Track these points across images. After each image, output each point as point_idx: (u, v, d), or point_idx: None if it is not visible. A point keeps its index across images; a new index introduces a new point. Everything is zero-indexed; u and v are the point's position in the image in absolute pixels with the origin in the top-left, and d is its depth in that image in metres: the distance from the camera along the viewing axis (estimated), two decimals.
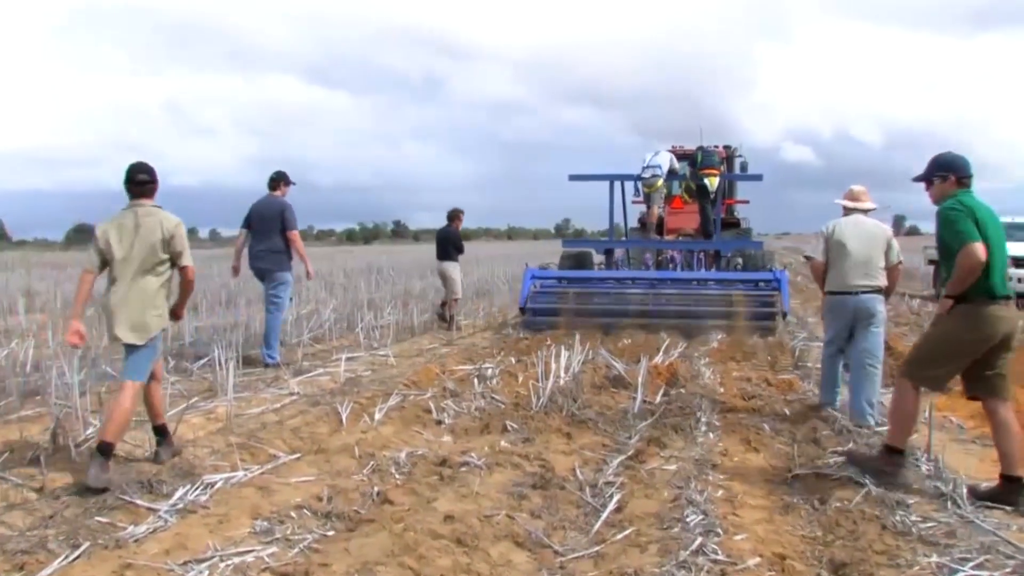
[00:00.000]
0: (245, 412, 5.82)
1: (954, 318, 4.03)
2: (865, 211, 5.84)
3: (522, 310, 10.75)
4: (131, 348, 4.41)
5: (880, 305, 5.65)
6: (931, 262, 17.46)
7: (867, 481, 4.14)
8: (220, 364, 6.41)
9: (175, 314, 4.73)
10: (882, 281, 5.67)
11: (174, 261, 4.52)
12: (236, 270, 8.31)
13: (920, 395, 4.27)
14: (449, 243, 11.00)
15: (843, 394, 5.88)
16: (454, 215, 11.23)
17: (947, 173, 4.19)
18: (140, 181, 4.48)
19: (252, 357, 7.99)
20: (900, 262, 5.79)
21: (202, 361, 7.54)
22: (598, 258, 13.73)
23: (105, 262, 4.44)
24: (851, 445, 4.76)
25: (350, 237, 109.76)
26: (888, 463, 4.21)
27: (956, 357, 4.07)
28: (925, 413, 4.63)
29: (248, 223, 7.89)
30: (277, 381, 7.06)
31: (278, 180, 8.00)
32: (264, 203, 7.87)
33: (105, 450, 4.15)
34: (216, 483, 4.14)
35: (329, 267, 24.71)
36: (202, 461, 4.50)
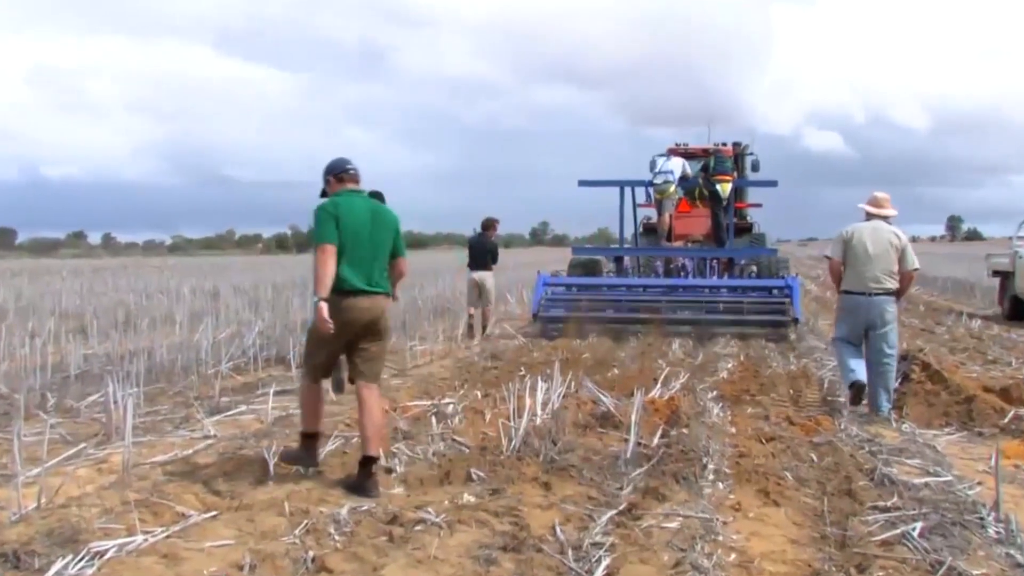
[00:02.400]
0: (147, 460, 5.75)
1: (317, 312, 5.22)
2: (885, 218, 7.35)
3: (535, 317, 13.17)
4: None
5: (891, 306, 7.23)
6: (996, 273, 17.46)
7: (916, 544, 4.14)
8: (115, 401, 6.31)
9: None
10: (894, 284, 7.20)
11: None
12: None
13: (317, 385, 5.57)
14: (487, 253, 13.10)
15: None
16: (489, 224, 13.29)
17: (328, 176, 5.59)
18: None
19: (155, 393, 7.86)
20: (916, 268, 7.31)
21: (92, 397, 7.40)
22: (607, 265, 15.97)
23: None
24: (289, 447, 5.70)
25: (280, 244, 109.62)
26: (305, 447, 5.49)
27: (325, 344, 5.37)
28: (991, 462, 4.63)
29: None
30: (188, 421, 6.96)
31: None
32: None
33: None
34: (107, 551, 4.03)
35: (254, 280, 24.53)
36: (89, 524, 4.38)
